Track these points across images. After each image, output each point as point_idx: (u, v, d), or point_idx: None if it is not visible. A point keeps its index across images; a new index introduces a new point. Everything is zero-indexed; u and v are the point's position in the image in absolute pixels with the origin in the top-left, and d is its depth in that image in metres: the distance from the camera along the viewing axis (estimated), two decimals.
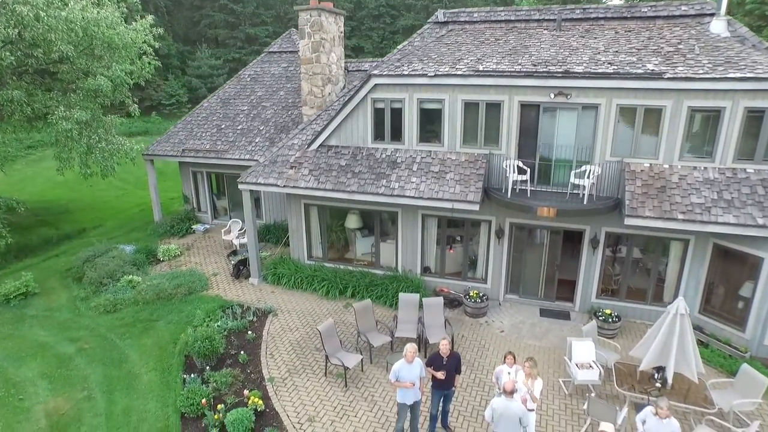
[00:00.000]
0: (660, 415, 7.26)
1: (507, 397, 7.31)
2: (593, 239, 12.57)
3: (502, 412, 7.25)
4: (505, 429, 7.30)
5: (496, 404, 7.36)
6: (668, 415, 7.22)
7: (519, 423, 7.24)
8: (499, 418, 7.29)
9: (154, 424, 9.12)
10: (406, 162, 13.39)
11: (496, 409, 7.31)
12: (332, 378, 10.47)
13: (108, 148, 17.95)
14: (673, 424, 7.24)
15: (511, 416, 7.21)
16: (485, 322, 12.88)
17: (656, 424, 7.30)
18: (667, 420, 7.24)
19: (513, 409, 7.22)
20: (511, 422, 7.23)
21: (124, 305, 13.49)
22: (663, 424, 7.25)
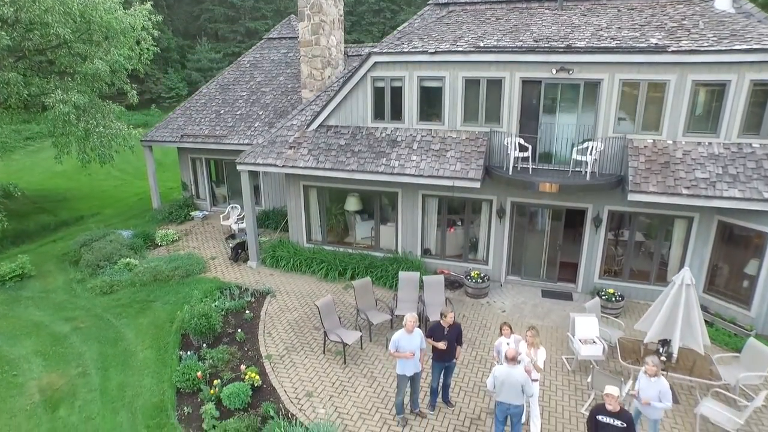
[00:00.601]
0: (648, 372, 7.14)
1: (509, 364, 7.13)
2: (596, 218, 12.38)
3: (504, 380, 7.07)
4: (508, 397, 7.12)
5: (498, 372, 7.18)
6: (656, 373, 7.09)
7: (521, 391, 7.05)
8: (501, 385, 7.11)
9: (149, 399, 8.95)
10: (406, 141, 13.21)
11: (498, 377, 7.13)
12: (331, 355, 10.30)
13: (106, 133, 17.79)
14: (662, 383, 7.09)
15: (513, 383, 7.03)
16: (486, 302, 12.70)
17: (646, 383, 7.21)
18: (655, 378, 7.10)
19: (515, 376, 7.04)
20: (513, 389, 7.05)
21: (121, 287, 13.33)
22: (651, 382, 7.14)
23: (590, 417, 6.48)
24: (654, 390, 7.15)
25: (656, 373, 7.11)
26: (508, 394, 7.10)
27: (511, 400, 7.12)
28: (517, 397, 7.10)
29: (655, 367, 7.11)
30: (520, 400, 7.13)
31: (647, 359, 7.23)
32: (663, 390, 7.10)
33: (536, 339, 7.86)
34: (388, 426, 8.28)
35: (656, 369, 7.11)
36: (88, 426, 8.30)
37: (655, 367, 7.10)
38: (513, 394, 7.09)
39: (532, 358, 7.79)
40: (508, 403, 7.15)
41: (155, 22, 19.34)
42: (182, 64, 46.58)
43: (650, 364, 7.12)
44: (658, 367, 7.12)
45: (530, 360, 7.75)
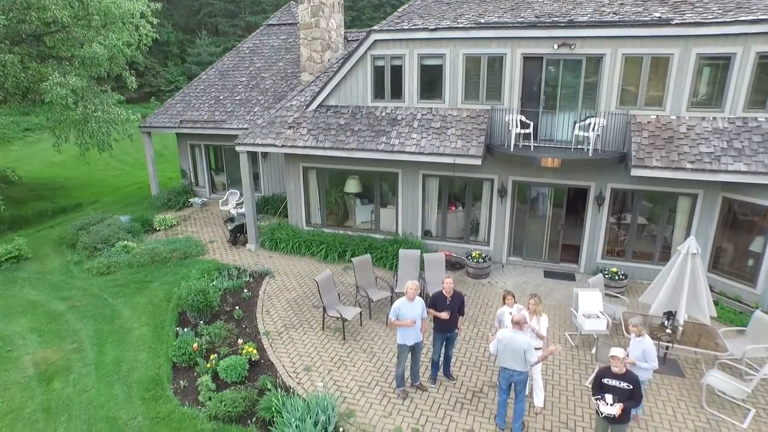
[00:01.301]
0: (633, 332, 7.26)
1: (514, 329, 6.96)
2: (598, 196, 12.22)
3: (507, 343, 6.91)
4: (510, 361, 6.95)
5: (501, 335, 7.02)
6: (640, 333, 7.21)
7: (523, 356, 6.89)
8: (504, 349, 6.94)
9: (144, 372, 8.81)
10: (406, 119, 13.05)
11: (501, 340, 6.97)
12: (330, 332, 10.15)
13: (104, 118, 17.64)
14: (646, 342, 7.16)
15: (516, 348, 6.87)
16: (488, 282, 12.54)
17: (633, 343, 7.27)
18: (639, 338, 7.20)
19: (518, 341, 6.88)
20: (515, 354, 6.89)
21: (118, 268, 13.19)
22: (637, 341, 7.21)
23: (595, 380, 6.32)
24: (638, 349, 7.15)
25: (640, 333, 7.20)
26: (511, 359, 6.94)
27: (514, 366, 6.96)
28: (519, 363, 6.94)
29: (637, 327, 7.22)
30: (523, 366, 6.96)
31: (631, 320, 7.37)
32: (646, 349, 7.12)
33: (539, 307, 7.70)
34: (388, 399, 8.12)
35: (640, 329, 7.20)
36: (82, 398, 8.15)
37: (639, 327, 7.23)
38: (515, 360, 6.93)
39: (534, 327, 7.63)
40: (511, 369, 6.99)
41: (154, 9, 19.18)
42: (182, 58, 46.44)
43: (635, 325, 7.24)
44: (640, 327, 7.22)
45: (533, 328, 7.59)
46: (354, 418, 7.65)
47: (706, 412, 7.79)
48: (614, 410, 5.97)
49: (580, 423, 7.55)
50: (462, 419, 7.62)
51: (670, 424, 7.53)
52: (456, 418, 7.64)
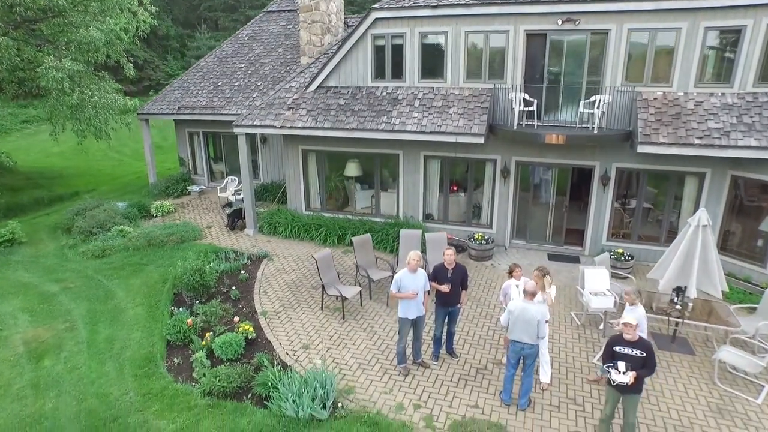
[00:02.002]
0: (627, 300, 7.24)
1: (526, 299, 6.68)
2: (603, 176, 11.94)
3: (518, 315, 6.61)
4: (522, 333, 6.66)
5: (513, 307, 6.73)
6: (634, 301, 7.18)
7: (536, 327, 6.61)
8: (516, 320, 6.64)
9: (137, 350, 8.54)
10: (407, 99, 12.79)
11: (513, 311, 6.68)
12: (329, 311, 9.88)
13: (101, 104, 17.38)
14: (639, 310, 7.10)
15: (529, 319, 6.57)
16: (491, 264, 12.27)
17: (627, 310, 7.14)
18: (633, 307, 7.15)
19: (531, 311, 6.59)
20: (528, 325, 6.59)
21: (114, 251, 12.94)
22: (630, 310, 7.11)
23: (606, 348, 6.04)
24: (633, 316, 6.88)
25: (634, 302, 7.18)
26: (522, 331, 6.65)
27: (525, 339, 6.67)
28: (531, 335, 6.65)
29: (630, 295, 7.18)
30: (534, 339, 6.68)
31: (625, 288, 7.43)
32: (639, 318, 6.87)
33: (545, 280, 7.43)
34: (389, 376, 7.85)
35: (633, 297, 7.17)
36: (72, 375, 7.89)
37: (632, 295, 7.18)
38: (527, 332, 6.64)
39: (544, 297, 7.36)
40: (522, 343, 6.70)
41: None
42: (182, 52, 46.21)
43: (629, 294, 7.20)
44: (633, 295, 7.18)
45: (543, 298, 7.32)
46: (353, 394, 7.38)
47: (718, 388, 7.52)
48: (627, 378, 5.70)
49: (588, 399, 7.28)
50: (466, 395, 7.36)
51: (682, 400, 7.26)
52: (459, 395, 7.38)
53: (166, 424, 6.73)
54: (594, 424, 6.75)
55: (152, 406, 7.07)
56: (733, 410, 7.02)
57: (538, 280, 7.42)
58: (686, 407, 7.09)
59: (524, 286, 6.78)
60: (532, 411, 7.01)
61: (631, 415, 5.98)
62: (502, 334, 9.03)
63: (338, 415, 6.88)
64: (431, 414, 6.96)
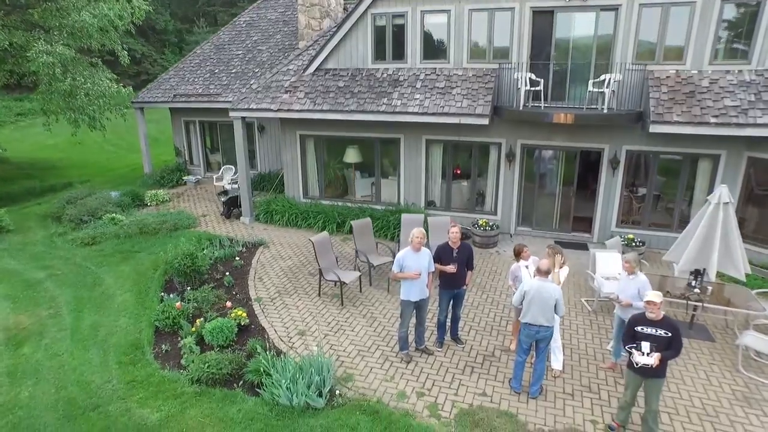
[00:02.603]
0: (626, 269, 6.70)
1: (541, 278, 6.19)
2: (612, 159, 11.44)
3: (534, 295, 6.11)
4: (537, 315, 6.16)
5: (528, 286, 6.23)
6: (633, 269, 6.62)
7: (554, 309, 6.11)
8: (530, 302, 6.14)
9: (124, 337, 8.06)
10: (408, 80, 12.30)
11: (528, 292, 6.18)
12: (327, 298, 9.40)
13: (94, 90, 16.90)
14: (640, 279, 6.56)
15: (546, 298, 6.07)
16: (496, 251, 11.79)
17: (625, 281, 6.71)
18: (633, 276, 6.61)
19: (548, 290, 6.10)
20: (544, 306, 6.10)
21: (104, 239, 12.46)
22: (629, 279, 6.62)
23: (627, 330, 5.54)
24: (632, 288, 6.51)
25: (633, 270, 6.63)
26: (538, 312, 6.14)
27: (541, 320, 6.17)
28: (548, 316, 6.15)
29: (630, 263, 6.62)
30: (550, 320, 6.18)
31: (624, 257, 6.80)
32: (641, 286, 6.46)
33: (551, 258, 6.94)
34: (390, 362, 7.36)
35: (633, 266, 6.61)
36: (53, 362, 7.40)
37: (632, 263, 6.61)
38: (542, 313, 6.14)
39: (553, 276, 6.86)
40: (537, 325, 6.20)
41: None
42: (180, 47, 45.71)
43: (629, 261, 6.63)
44: (633, 263, 6.61)
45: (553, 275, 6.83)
46: (352, 382, 6.90)
47: (742, 375, 7.03)
48: (652, 360, 5.21)
49: (604, 387, 6.79)
50: (473, 383, 6.87)
51: (705, 388, 6.77)
52: (466, 382, 6.89)
53: (150, 412, 6.25)
54: (611, 412, 6.26)
55: (136, 394, 6.58)
56: (761, 399, 6.52)
57: (550, 259, 6.92)
58: (709, 395, 6.60)
59: (538, 264, 6.28)
60: (544, 399, 6.52)
61: (654, 401, 5.50)
62: (509, 320, 8.55)
63: (336, 403, 6.40)
64: (436, 402, 6.48)
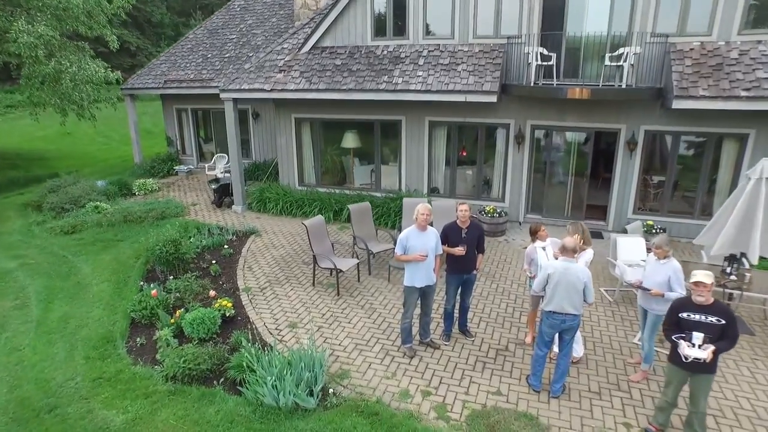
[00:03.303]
0: (656, 254, 5.79)
1: (567, 258, 5.35)
2: (630, 140, 10.61)
3: (560, 278, 5.27)
4: (564, 301, 5.33)
5: (551, 269, 5.38)
6: (666, 254, 5.69)
7: (583, 292, 5.29)
8: (556, 285, 5.31)
9: (95, 330, 7.24)
10: (410, 57, 11.47)
11: (552, 275, 5.33)
12: (321, 288, 8.58)
13: (80, 75, 16.09)
14: (673, 264, 5.67)
15: (573, 281, 5.25)
16: (504, 240, 10.97)
17: (653, 267, 5.83)
18: (665, 261, 5.71)
19: (576, 272, 5.28)
20: (572, 290, 5.28)
21: (86, 227, 11.64)
22: (660, 265, 5.73)
23: (670, 316, 4.71)
24: (663, 275, 5.63)
25: (666, 255, 5.71)
26: (565, 299, 5.31)
27: (568, 308, 5.35)
28: (575, 302, 5.33)
29: (662, 248, 5.70)
30: (579, 307, 5.36)
31: (654, 240, 5.81)
32: (674, 274, 5.61)
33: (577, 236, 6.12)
34: (391, 357, 6.54)
35: (666, 250, 5.69)
36: (11, 358, 6.59)
37: (663, 247, 5.69)
38: (570, 299, 5.31)
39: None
40: (563, 314, 5.37)
41: None
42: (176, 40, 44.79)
43: (661, 247, 5.71)
44: (666, 248, 5.70)
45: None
46: (349, 379, 6.07)
47: None
48: (705, 353, 4.38)
49: (635, 384, 5.98)
50: (485, 380, 6.05)
51: (751, 387, 5.95)
52: (477, 379, 6.06)
53: (115, 414, 5.43)
54: (646, 413, 5.44)
55: (102, 393, 5.77)
56: None
57: (575, 236, 6.11)
58: (758, 395, 5.78)
59: (562, 242, 5.45)
60: (568, 398, 5.70)
61: (702, 402, 4.68)
62: (523, 311, 7.72)
63: (329, 403, 5.58)
64: (444, 402, 5.65)
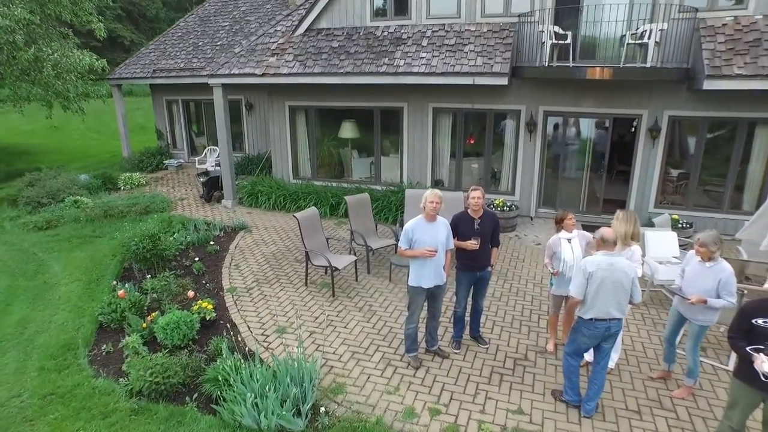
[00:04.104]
0: (701, 255, 4.69)
1: (606, 251, 4.46)
2: (653, 127, 9.72)
3: (604, 276, 4.36)
4: (609, 304, 4.41)
5: (593, 265, 4.42)
6: (712, 255, 4.60)
7: (630, 290, 4.41)
8: (600, 285, 4.38)
9: (55, 336, 6.36)
10: (413, 38, 10.59)
11: (594, 274, 4.39)
12: (315, 288, 7.70)
13: (63, 63, 15.20)
14: (723, 267, 4.62)
15: (620, 279, 4.35)
16: (515, 235, 10.09)
17: (695, 270, 4.77)
18: (711, 263, 4.66)
19: (622, 267, 4.38)
20: (620, 290, 4.39)
21: (62, 223, 10.77)
22: (706, 268, 4.69)
23: (740, 322, 3.82)
24: (710, 279, 4.63)
25: (712, 255, 4.63)
26: (610, 301, 4.40)
27: (613, 312, 4.45)
28: (621, 304, 4.45)
29: (707, 246, 4.59)
30: (623, 310, 4.47)
31: (699, 237, 4.71)
32: (725, 278, 4.58)
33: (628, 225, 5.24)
34: (393, 368, 5.66)
35: (713, 249, 4.59)
36: None
37: (710, 246, 4.59)
38: (616, 301, 4.42)
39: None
40: (607, 319, 4.46)
41: None
42: None
43: (704, 240, 4.61)
44: (714, 246, 4.59)
45: None
46: (344, 394, 5.19)
47: None
48: None
49: (680, 402, 5.08)
50: (503, 396, 5.16)
51: None
52: (494, 395, 5.18)
53: None
54: None
55: (51, 413, 4.88)
56: None
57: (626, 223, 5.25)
58: None
59: (601, 234, 4.55)
60: (602, 418, 4.82)
61: None
62: (542, 315, 6.84)
63: (320, 424, 4.69)
64: (456, 423, 4.77)
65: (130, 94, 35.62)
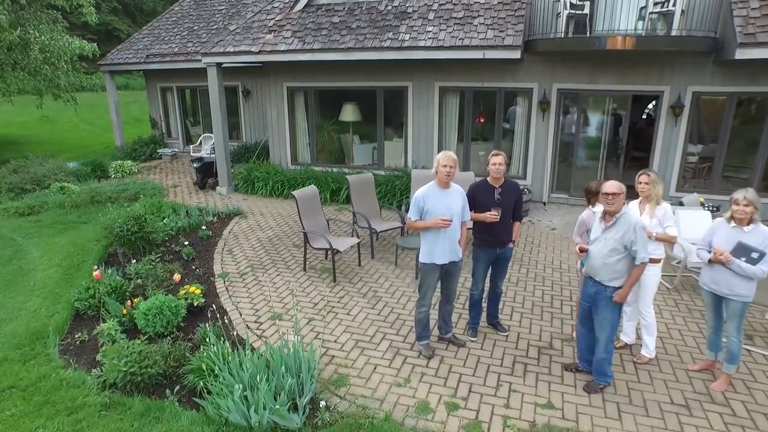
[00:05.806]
0: (744, 216, 4.00)
1: None
2: (675, 104, 9.07)
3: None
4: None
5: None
6: (752, 218, 4.01)
7: None
8: None
9: (27, 323, 5.72)
10: (419, 11, 9.96)
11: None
12: (314, 273, 7.06)
13: (51, 46, 14.61)
14: (762, 230, 4.00)
15: None
16: (528, 221, 9.44)
17: (732, 236, 4.11)
18: (751, 227, 4.04)
19: None
20: None
21: (46, 209, 10.12)
22: (743, 233, 4.05)
23: None
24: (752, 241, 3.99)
25: (751, 219, 4.03)
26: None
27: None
28: None
29: (754, 205, 3.96)
30: None
31: (734, 195, 4.10)
32: (763, 241, 3.95)
33: (656, 188, 4.59)
34: (402, 357, 5.00)
35: (751, 211, 3.97)
36: None
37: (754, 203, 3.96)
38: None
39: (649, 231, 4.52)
40: None
41: None
42: None
43: (741, 200, 3.98)
44: (752, 207, 3.97)
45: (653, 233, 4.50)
46: (347, 387, 4.53)
47: None
48: None
49: (732, 394, 4.43)
50: (529, 388, 4.51)
51: None
52: (519, 387, 4.53)
53: None
54: None
55: (7, 409, 4.24)
56: None
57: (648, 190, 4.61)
58: None
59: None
60: (645, 413, 4.18)
61: None
62: (564, 300, 6.20)
63: (320, 421, 4.04)
64: (477, 419, 4.12)
65: (126, 88, 35.06)
